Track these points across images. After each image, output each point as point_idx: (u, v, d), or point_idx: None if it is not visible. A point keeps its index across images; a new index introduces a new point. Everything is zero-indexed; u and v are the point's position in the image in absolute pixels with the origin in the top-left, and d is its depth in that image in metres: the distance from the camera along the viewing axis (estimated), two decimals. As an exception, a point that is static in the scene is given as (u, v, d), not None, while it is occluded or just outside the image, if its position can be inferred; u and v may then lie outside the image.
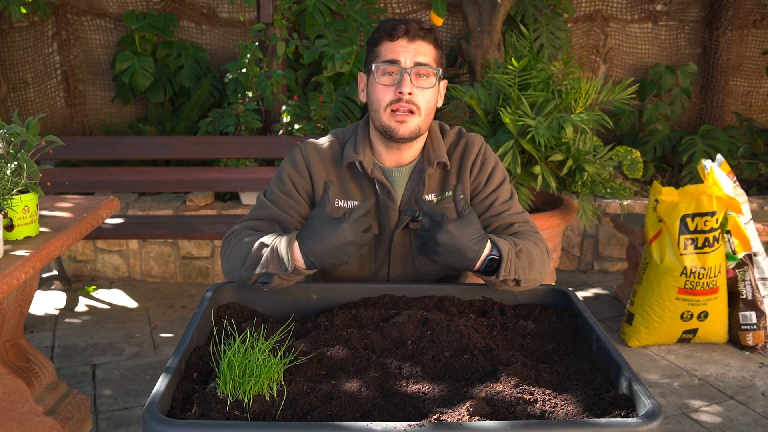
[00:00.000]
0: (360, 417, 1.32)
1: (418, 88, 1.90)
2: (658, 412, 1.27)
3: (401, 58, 1.89)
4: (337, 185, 2.02)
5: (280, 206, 1.99)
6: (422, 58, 1.90)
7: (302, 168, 2.02)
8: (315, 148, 2.05)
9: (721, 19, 5.71)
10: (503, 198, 2.05)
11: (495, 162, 2.08)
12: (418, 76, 1.90)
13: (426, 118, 1.95)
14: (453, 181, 2.04)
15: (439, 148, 2.02)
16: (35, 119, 2.35)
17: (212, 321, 1.70)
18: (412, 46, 1.90)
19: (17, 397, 2.63)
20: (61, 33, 5.51)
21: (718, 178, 3.67)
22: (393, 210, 2.01)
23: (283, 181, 2.02)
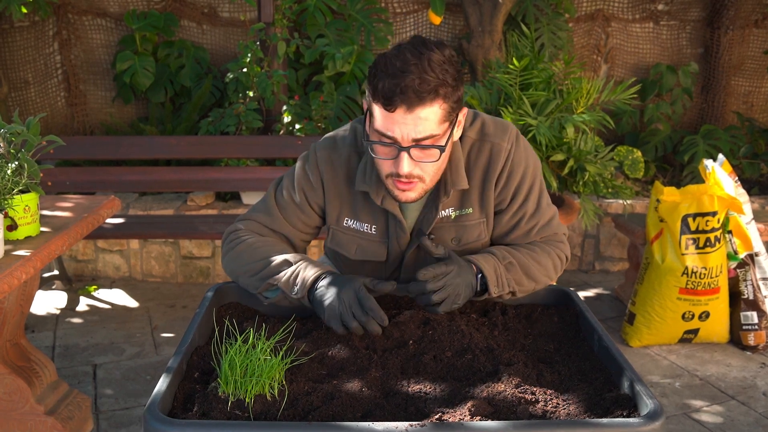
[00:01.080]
0: (361, 417, 1.32)
1: (420, 162, 1.68)
2: (660, 412, 1.27)
3: (398, 135, 1.63)
4: (348, 204, 1.90)
5: (290, 220, 1.92)
6: (422, 131, 1.62)
7: (316, 181, 1.90)
8: (330, 158, 1.90)
9: (722, 19, 5.71)
10: (531, 211, 1.88)
11: (524, 168, 1.86)
12: (420, 150, 1.66)
13: (434, 178, 1.75)
14: (475, 197, 1.86)
15: (458, 173, 1.82)
16: (36, 119, 2.35)
17: (213, 321, 1.70)
18: (410, 118, 1.61)
19: (18, 396, 2.63)
20: (62, 33, 5.51)
21: (719, 178, 3.67)
22: (403, 237, 1.88)
23: (296, 190, 1.92)
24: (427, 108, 1.61)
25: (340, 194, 1.90)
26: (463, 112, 1.77)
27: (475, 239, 1.88)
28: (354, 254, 1.92)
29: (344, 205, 1.90)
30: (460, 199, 1.87)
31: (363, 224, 1.90)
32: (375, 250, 1.91)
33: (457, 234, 1.87)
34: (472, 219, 1.87)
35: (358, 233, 1.91)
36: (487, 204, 1.87)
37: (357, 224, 1.90)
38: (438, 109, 1.63)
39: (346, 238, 1.92)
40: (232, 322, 1.66)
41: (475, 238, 1.88)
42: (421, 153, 1.67)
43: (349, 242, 1.92)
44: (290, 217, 1.92)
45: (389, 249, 1.90)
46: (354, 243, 1.91)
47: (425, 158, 1.68)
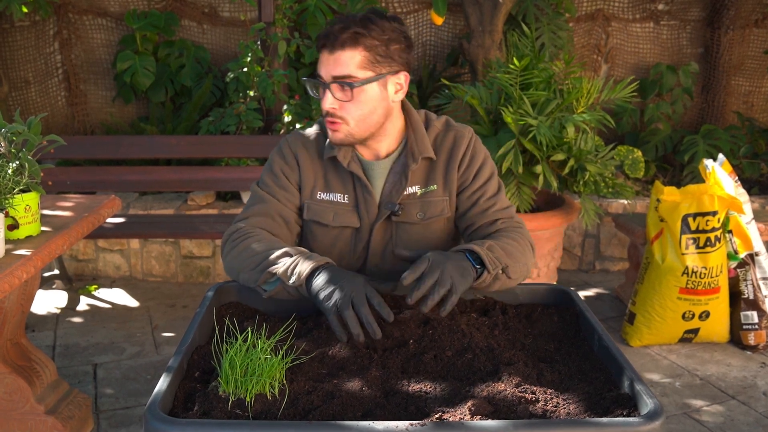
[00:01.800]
0: (361, 416, 1.32)
1: (341, 101, 1.89)
2: (660, 411, 1.27)
3: (322, 73, 1.89)
4: (321, 178, 2.04)
5: (280, 200, 2.02)
6: (340, 71, 1.86)
7: (292, 161, 2.05)
8: (302, 141, 2.07)
9: (722, 19, 5.71)
10: (490, 193, 2.04)
11: (484, 156, 2.07)
12: (340, 89, 1.88)
13: (360, 125, 1.93)
14: (439, 175, 2.03)
15: (423, 142, 2.01)
16: (37, 119, 2.35)
17: (214, 320, 1.70)
18: (332, 58, 1.87)
19: (18, 396, 2.63)
20: (63, 32, 5.51)
21: (719, 178, 3.67)
22: (372, 204, 2.02)
23: (277, 174, 2.04)
24: (347, 51, 1.86)
25: (313, 169, 2.05)
26: (405, 76, 1.95)
27: (439, 214, 2.03)
28: (333, 221, 2.03)
29: (317, 179, 2.04)
30: (425, 177, 2.03)
31: (336, 194, 2.03)
32: (349, 218, 2.03)
33: (422, 209, 2.02)
34: (436, 196, 2.03)
35: (332, 203, 2.03)
36: (450, 183, 2.02)
37: (330, 195, 2.04)
38: (358, 55, 1.86)
39: (322, 209, 2.03)
40: (232, 321, 1.66)
41: (438, 212, 2.03)
42: (340, 93, 1.89)
43: (326, 211, 2.03)
44: (280, 198, 2.02)
45: (360, 216, 2.03)
46: (330, 211, 2.03)
47: (343, 98, 1.89)
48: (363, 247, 2.05)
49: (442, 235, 2.08)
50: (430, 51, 5.74)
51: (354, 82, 1.87)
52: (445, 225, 2.07)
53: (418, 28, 5.68)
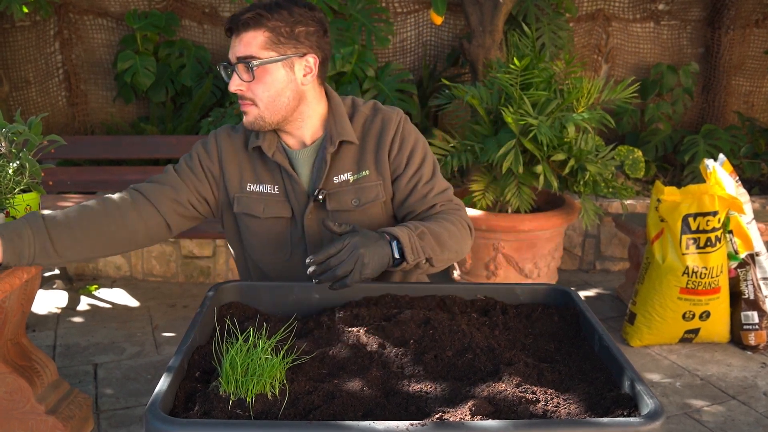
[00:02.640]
0: (362, 416, 1.32)
1: (246, 82, 1.93)
2: (661, 411, 1.27)
3: (230, 56, 1.94)
4: (249, 170, 2.05)
5: (182, 177, 2.04)
6: (244, 51, 1.90)
7: (213, 154, 2.07)
8: (228, 134, 2.09)
9: (723, 19, 5.71)
10: (426, 178, 2.05)
11: (415, 138, 2.07)
12: (245, 71, 1.92)
13: (269, 107, 1.96)
14: (370, 159, 2.04)
15: (343, 126, 2.02)
16: (38, 118, 2.35)
17: (215, 320, 1.70)
18: (237, 40, 1.92)
19: (19, 396, 2.63)
20: (63, 32, 5.51)
21: (720, 178, 3.67)
22: (300, 192, 2.03)
23: (192, 158, 2.08)
24: (250, 32, 1.90)
25: (239, 163, 2.06)
26: (315, 59, 1.97)
27: (373, 199, 2.04)
28: (263, 213, 2.04)
29: (245, 172, 2.05)
30: (356, 163, 2.04)
31: (265, 186, 2.05)
32: (279, 209, 2.04)
33: (356, 195, 2.03)
34: (370, 181, 2.04)
35: (262, 195, 2.05)
36: (382, 167, 2.04)
37: (260, 187, 2.05)
38: (260, 36, 1.90)
39: (252, 201, 2.04)
40: (233, 321, 1.66)
41: (373, 197, 2.04)
42: (245, 74, 1.91)
43: (256, 203, 2.04)
44: (183, 176, 2.04)
45: (291, 206, 2.04)
46: (261, 203, 2.04)
47: (247, 77, 1.92)
48: (299, 237, 2.05)
49: (380, 220, 2.08)
50: (431, 51, 5.74)
51: (253, 62, 1.90)
52: (382, 210, 2.08)
53: (418, 28, 5.68)
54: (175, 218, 2.04)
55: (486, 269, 4.04)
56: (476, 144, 3.88)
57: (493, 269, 4.02)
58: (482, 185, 3.97)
